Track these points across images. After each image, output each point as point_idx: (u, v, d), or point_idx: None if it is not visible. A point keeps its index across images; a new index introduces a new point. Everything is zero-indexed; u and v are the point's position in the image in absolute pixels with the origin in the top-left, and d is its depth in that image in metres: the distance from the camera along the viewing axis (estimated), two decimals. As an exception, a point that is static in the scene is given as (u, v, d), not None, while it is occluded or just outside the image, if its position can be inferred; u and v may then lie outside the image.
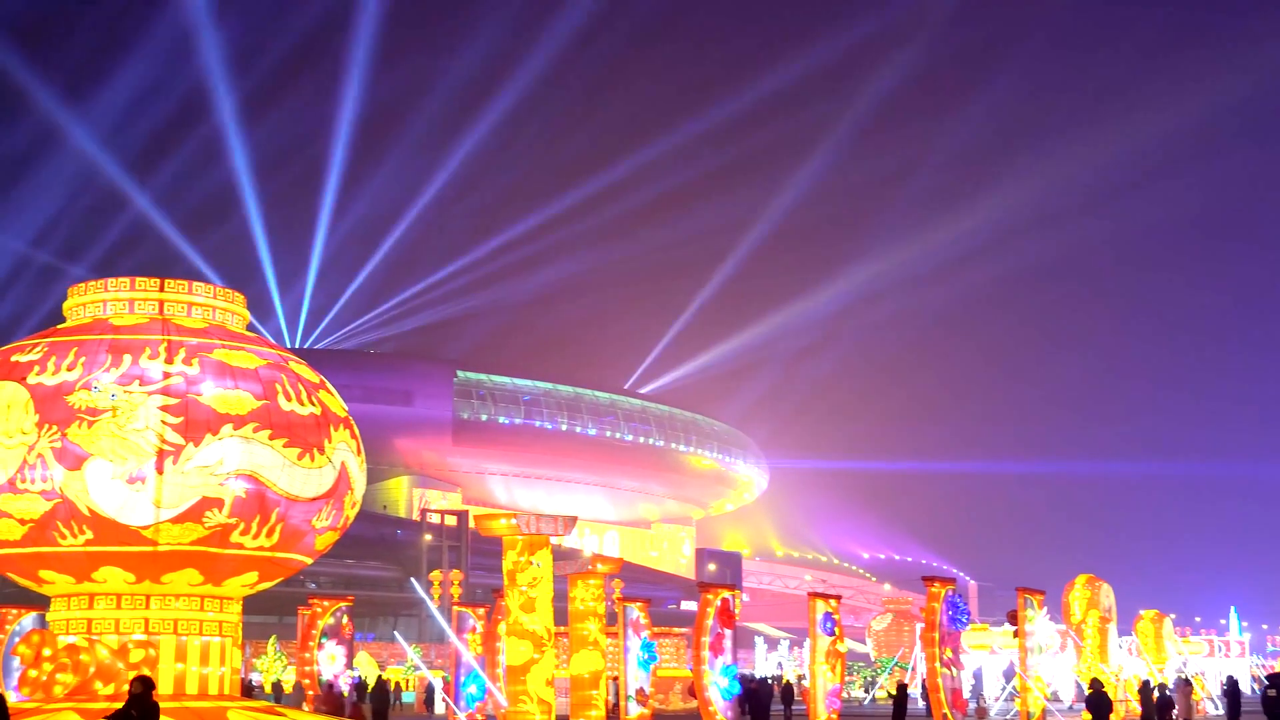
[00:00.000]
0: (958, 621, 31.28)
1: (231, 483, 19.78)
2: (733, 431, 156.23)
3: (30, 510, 19.54)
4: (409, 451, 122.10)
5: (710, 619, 29.27)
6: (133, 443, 19.48)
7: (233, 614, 21.53)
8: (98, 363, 19.91)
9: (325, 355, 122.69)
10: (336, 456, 21.07)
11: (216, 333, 21.18)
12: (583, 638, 27.42)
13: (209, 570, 20.44)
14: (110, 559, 19.93)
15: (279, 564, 21.22)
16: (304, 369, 21.71)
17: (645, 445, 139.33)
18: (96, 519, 19.46)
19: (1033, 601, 35.16)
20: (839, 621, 30.48)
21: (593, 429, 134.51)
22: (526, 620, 21.45)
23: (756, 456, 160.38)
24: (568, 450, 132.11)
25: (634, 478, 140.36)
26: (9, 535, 19.91)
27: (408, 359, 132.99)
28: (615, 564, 29.87)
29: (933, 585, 30.87)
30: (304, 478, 20.43)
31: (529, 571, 21.49)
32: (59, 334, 20.93)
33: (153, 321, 20.97)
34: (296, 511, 20.49)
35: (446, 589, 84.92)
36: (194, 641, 20.89)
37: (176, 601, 20.72)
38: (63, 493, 19.38)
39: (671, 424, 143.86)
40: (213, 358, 20.44)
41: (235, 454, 19.80)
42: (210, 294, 21.77)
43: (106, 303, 21.33)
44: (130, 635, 20.47)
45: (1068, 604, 43.46)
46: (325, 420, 21.03)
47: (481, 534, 22.43)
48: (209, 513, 19.72)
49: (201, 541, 19.93)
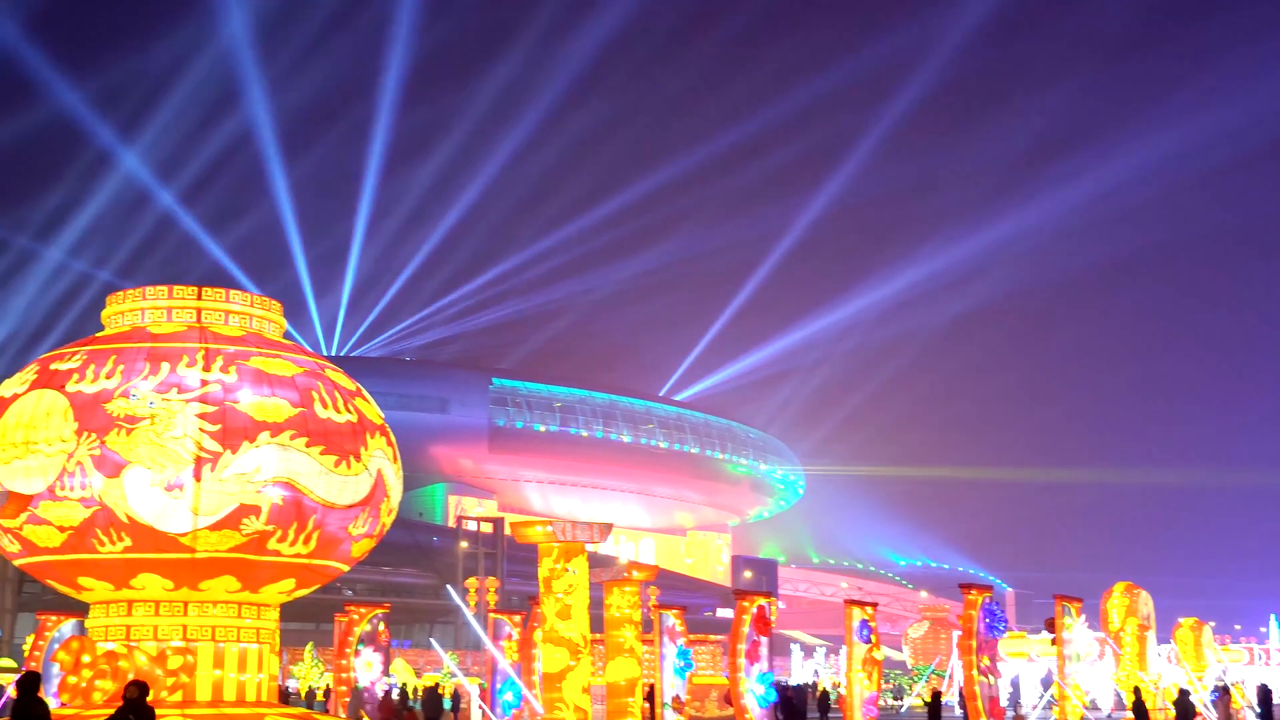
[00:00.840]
0: (995, 629, 31.12)
1: (269, 490, 19.85)
2: (768, 438, 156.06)
3: (69, 517, 19.65)
4: (445, 459, 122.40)
5: (746, 626, 29.20)
6: (171, 450, 19.58)
7: (270, 621, 21.61)
8: (136, 370, 20.01)
9: (362, 363, 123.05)
10: (373, 464, 21.12)
11: (254, 340, 21.26)
12: (619, 645, 27.38)
13: (246, 577, 20.51)
14: (148, 566, 20.03)
15: (316, 571, 21.28)
16: (340, 376, 21.78)
17: (681, 452, 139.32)
18: (135, 526, 19.56)
19: (1071, 609, 34.95)
20: (875, 629, 30.36)
21: (628, 436, 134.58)
22: (562, 627, 21.44)
23: (792, 463, 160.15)
24: (603, 457, 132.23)
25: (669, 485, 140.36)
26: (48, 542, 20.03)
27: (444, 367, 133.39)
28: (651, 571, 29.82)
29: (970, 593, 30.72)
30: (340, 485, 20.49)
31: (565, 578, 21.48)
32: (98, 342, 21.05)
33: (190, 329, 21.07)
34: (333, 519, 20.55)
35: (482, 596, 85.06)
36: (232, 648, 20.97)
37: (214, 608, 20.81)
38: (101, 500, 19.49)
39: (707, 431, 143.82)
40: (250, 365, 20.52)
41: (272, 461, 19.87)
42: (247, 302, 21.86)
43: (144, 311, 21.45)
44: (168, 642, 20.57)
45: (1106, 611, 43.22)
46: (361, 427, 21.08)
47: (517, 541, 22.43)
48: (246, 520, 19.80)
49: (239, 548, 20.01)
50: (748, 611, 29.33)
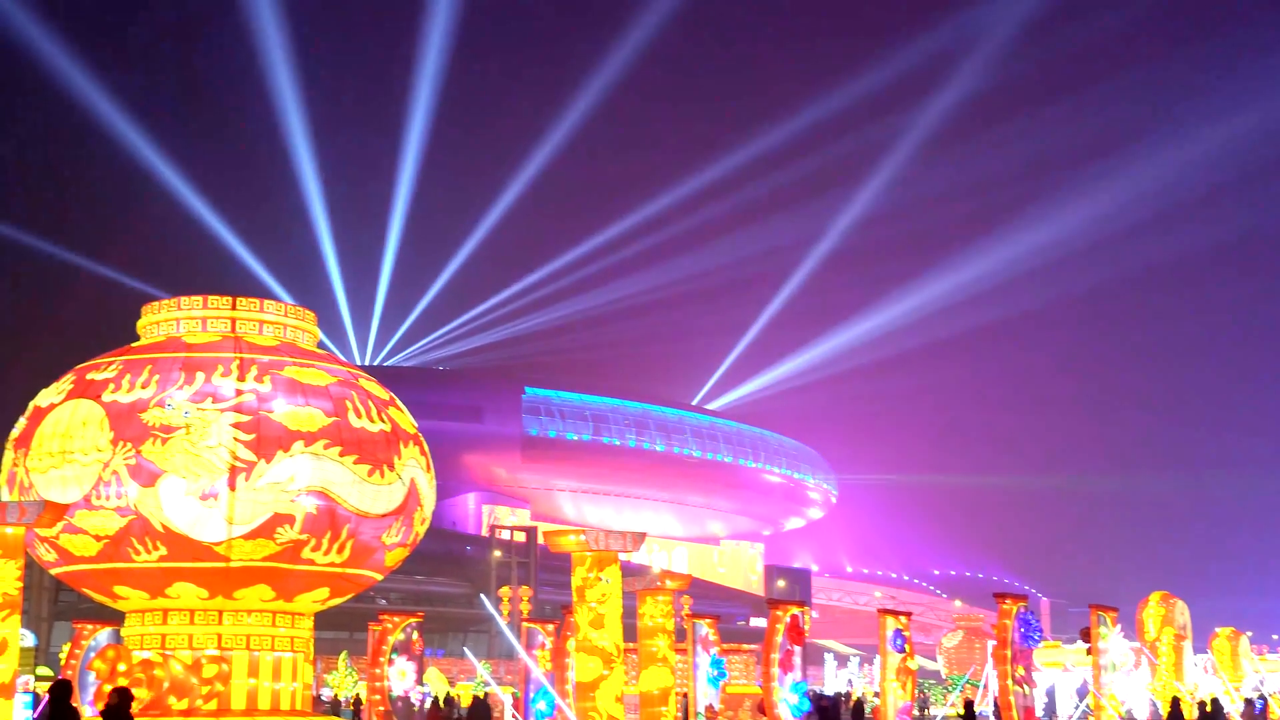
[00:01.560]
0: (1030, 639, 30.96)
1: (303, 499, 19.91)
2: (801, 447, 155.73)
3: (105, 526, 19.75)
4: (478, 468, 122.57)
5: (780, 635, 29.14)
6: (206, 459, 19.66)
7: (304, 629, 21.66)
8: (171, 380, 20.11)
9: (395, 372, 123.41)
10: (406, 473, 21.16)
11: (288, 350, 21.34)
12: (652, 654, 27.36)
13: (281, 586, 20.57)
14: (184, 575, 20.11)
15: (350, 580, 21.33)
16: (374, 386, 21.84)
17: (713, 461, 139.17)
18: (170, 535, 19.64)
19: (1106, 619, 34.76)
20: (909, 638, 30.27)
21: (661, 445, 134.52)
22: (596, 636, 21.43)
23: (825, 472, 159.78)
24: (636, 466, 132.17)
25: (702, 494, 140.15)
26: (85, 551, 20.14)
27: (477, 376, 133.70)
28: (684, 580, 29.79)
29: (1004, 602, 30.59)
30: (374, 494, 20.54)
31: (598, 588, 21.47)
32: (133, 352, 21.15)
33: (225, 339, 21.16)
34: (367, 528, 20.59)
35: (515, 605, 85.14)
36: (266, 657, 21.03)
37: (249, 617, 20.87)
38: (137, 509, 19.58)
39: (740, 440, 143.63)
40: (284, 375, 20.59)
41: (306, 470, 19.93)
42: (281, 312, 21.94)
43: (180, 321, 21.55)
44: (203, 650, 20.64)
45: (1142, 621, 43.01)
46: (395, 437, 21.13)
47: (550, 550, 22.44)
48: (280, 529, 19.86)
49: (273, 557, 20.07)
50: (781, 621, 29.27)
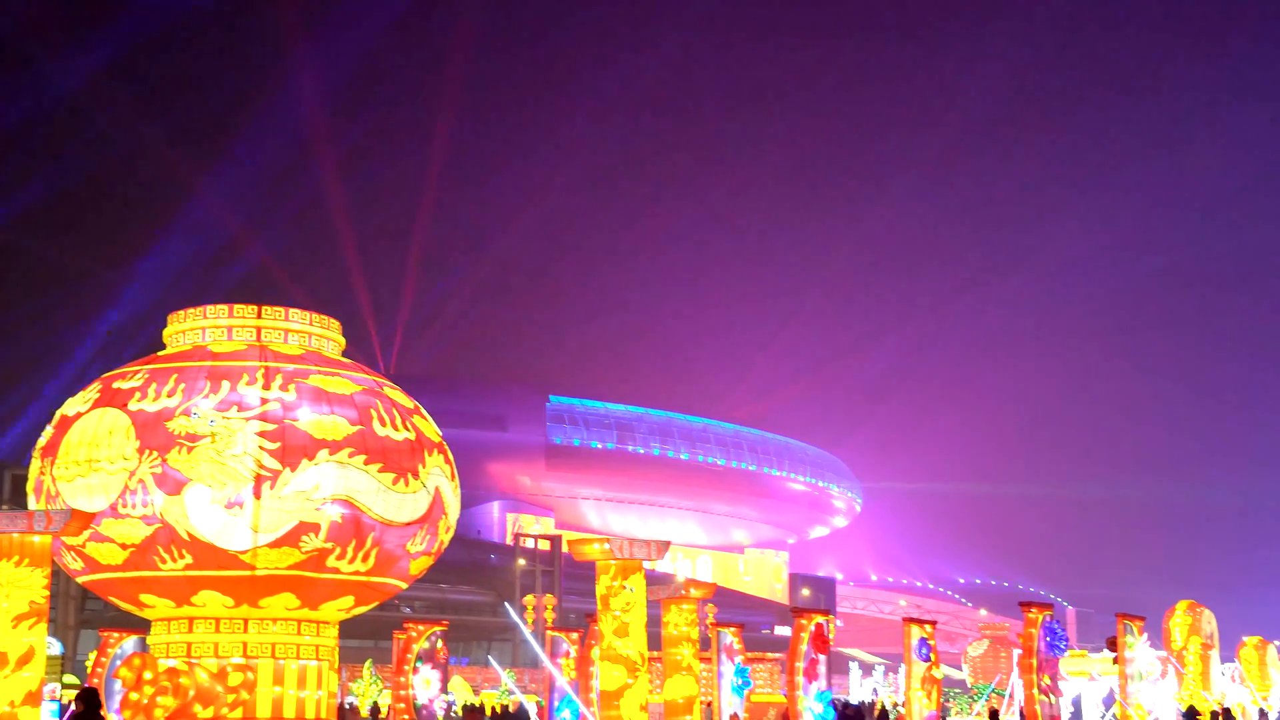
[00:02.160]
0: (1056, 648, 30.86)
1: (327, 508, 19.96)
2: (826, 455, 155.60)
3: (131, 535, 19.82)
4: (502, 476, 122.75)
5: (804, 644, 29.09)
6: (231, 468, 19.72)
7: (329, 638, 21.70)
8: (197, 389, 20.18)
9: (420, 380, 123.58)
10: (431, 481, 21.19)
11: (313, 359, 21.40)
12: (676, 663, 27.34)
13: (305, 594, 20.61)
14: (209, 583, 20.16)
15: (374, 588, 21.36)
16: (399, 394, 21.88)
17: (738, 469, 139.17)
18: (196, 543, 19.71)
19: (1132, 628, 34.63)
20: (934, 647, 30.20)
21: (685, 453, 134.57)
22: (620, 645, 21.43)
23: (850, 480, 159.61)
24: (660, 475, 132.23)
25: (727, 502, 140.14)
26: (111, 560, 20.21)
27: (501, 384, 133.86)
28: (708, 589, 29.76)
29: (1030, 610, 30.49)
30: (399, 502, 20.58)
31: (622, 596, 21.47)
32: (159, 361, 21.23)
33: (250, 348, 21.22)
34: (391, 536, 20.63)
35: (540, 614, 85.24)
36: (291, 665, 21.07)
37: (274, 625, 20.92)
38: (163, 517, 19.64)
39: (764, 448, 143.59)
40: (309, 383, 20.64)
41: (331, 479, 19.98)
42: (306, 320, 22.01)
43: (205, 329, 21.62)
44: (229, 659, 20.69)
45: (1168, 630, 42.84)
46: (420, 445, 21.17)
47: (575, 559, 22.45)
48: (305, 537, 19.91)
49: (298, 566, 20.11)
50: (806, 629, 29.21)
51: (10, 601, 17.66)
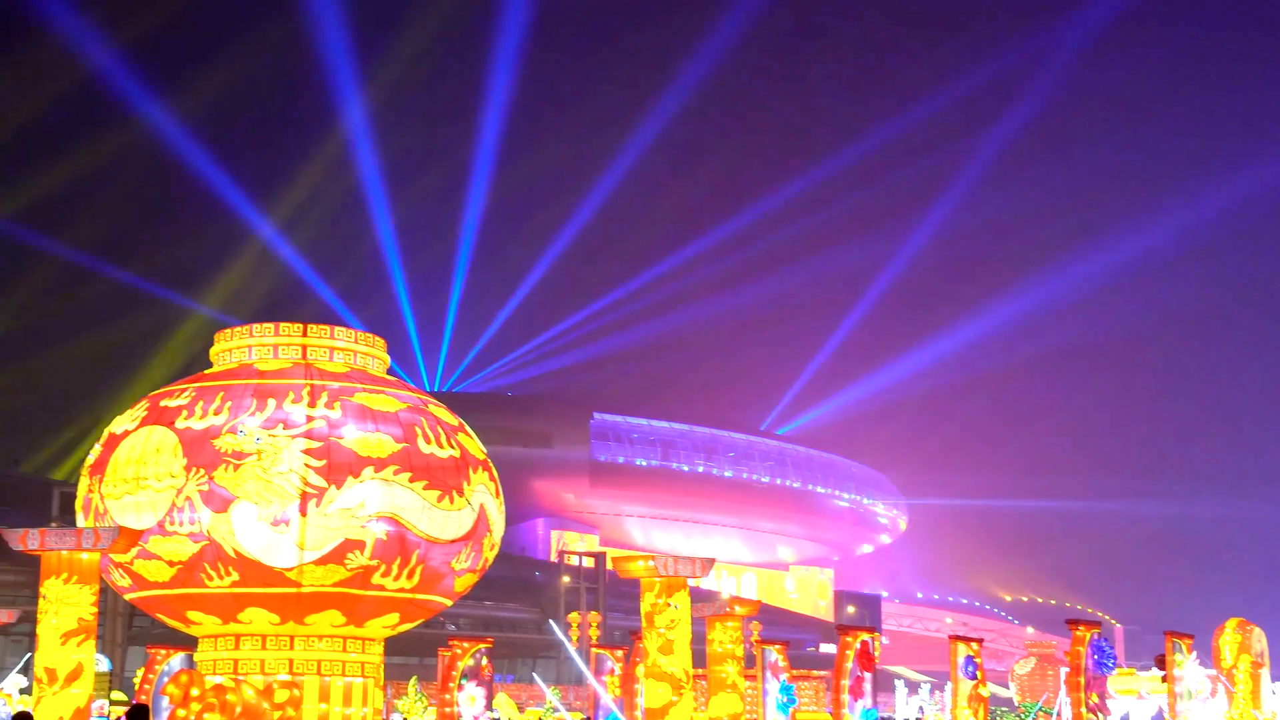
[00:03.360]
0: (1104, 666, 30.66)
1: (373, 525, 20.03)
2: (871, 472, 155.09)
3: (178, 552, 19.94)
4: (547, 493, 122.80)
5: (850, 662, 28.98)
6: (277, 485, 19.82)
7: (375, 655, 21.76)
8: (243, 407, 20.29)
9: (464, 398, 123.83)
10: (475, 499, 21.24)
11: (358, 377, 21.49)
12: (721, 680, 27.28)
13: (351, 612, 20.68)
14: (255, 600, 20.26)
15: (419, 605, 21.41)
16: (443, 412, 21.94)
17: (782, 487, 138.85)
18: (242, 561, 19.81)
19: (1181, 646, 34.34)
20: (981, 665, 30.03)
21: (729, 471, 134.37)
22: (665, 662, 21.40)
23: (895, 497, 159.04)
24: (704, 492, 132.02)
25: (771, 519, 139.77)
26: (158, 577, 20.33)
27: (545, 401, 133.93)
28: (753, 606, 29.68)
29: (1077, 629, 30.30)
30: (444, 520, 20.63)
31: (667, 613, 21.45)
32: (206, 379, 21.37)
33: (296, 366, 21.34)
34: (436, 553, 20.68)
35: (585, 631, 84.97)
36: (337, 682, 21.14)
37: (320, 642, 20.99)
38: (210, 535, 19.76)
39: (809, 465, 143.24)
40: (354, 401, 20.73)
41: (376, 496, 20.05)
42: (352, 339, 22.11)
43: (252, 348, 21.75)
44: (275, 676, 20.77)
45: (1218, 648, 42.32)
46: (464, 463, 21.22)
47: (619, 576, 22.45)
48: (351, 554, 19.98)
49: (344, 583, 20.19)
50: (851, 647, 29.11)
51: (59, 618, 17.79)
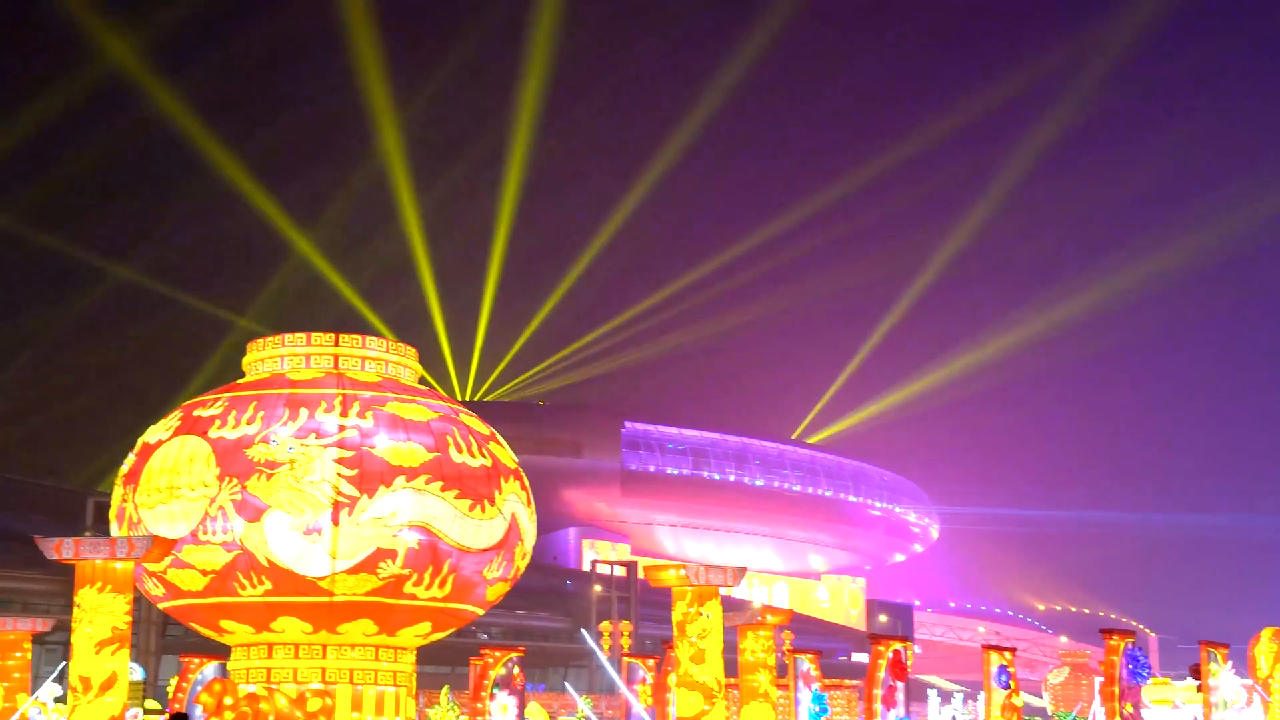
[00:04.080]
0: (1138, 675, 30.50)
1: (404, 534, 20.06)
2: (903, 481, 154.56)
3: (211, 561, 20.01)
4: (578, 502, 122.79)
5: (882, 671, 28.89)
6: (309, 495, 19.87)
7: (407, 664, 21.79)
8: (276, 417, 20.35)
9: (495, 407, 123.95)
10: (507, 508, 21.25)
11: (389, 386, 21.53)
12: (753, 689, 27.22)
13: (383, 620, 20.71)
14: (288, 609, 20.31)
15: (451, 614, 21.44)
16: (475, 421, 21.97)
17: (814, 495, 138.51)
18: (275, 570, 19.86)
19: (1217, 655, 34.13)
20: (1014, 675, 29.90)
21: (761, 479, 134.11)
22: (696, 671, 21.37)
23: (927, 506, 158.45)
24: (736, 501, 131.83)
25: (803, 528, 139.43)
26: (191, 586, 20.40)
27: (577, 410, 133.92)
28: (785, 615, 29.61)
29: (1111, 638, 30.16)
30: (475, 529, 20.64)
31: (699, 623, 21.42)
32: (238, 389, 21.44)
33: (328, 376, 21.39)
34: (468, 562, 20.69)
35: (616, 640, 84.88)
36: (369, 691, 21.17)
37: (352, 651, 21.03)
38: (243, 544, 19.82)
39: (840, 474, 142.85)
40: (386, 411, 20.77)
41: (408, 505, 20.09)
42: (383, 348, 22.16)
43: (284, 358, 21.83)
44: (308, 685, 20.81)
45: (1254, 658, 42.02)
46: (496, 472, 21.23)
47: (651, 585, 22.43)
48: (383, 564, 20.01)
49: (376, 592, 20.22)
50: (884, 656, 29.01)
51: (93, 627, 17.88)
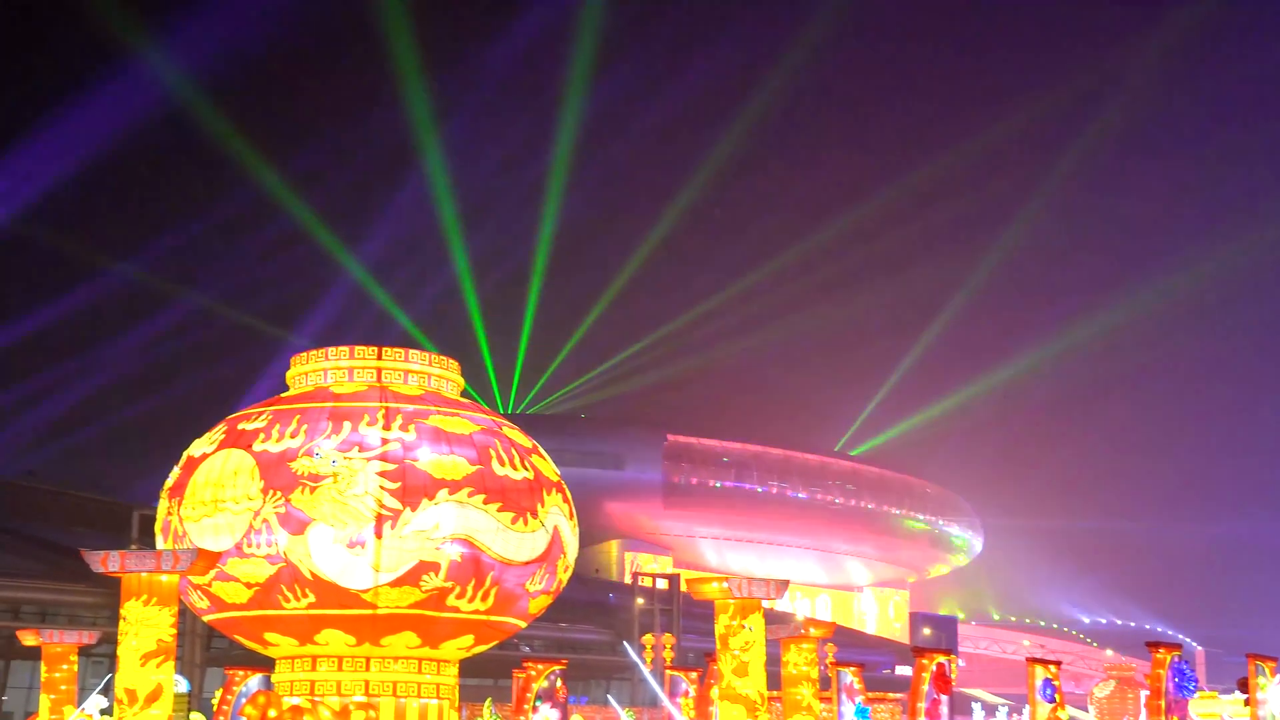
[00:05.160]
0: (1184, 689, 30.26)
1: (447, 547, 20.10)
2: (946, 493, 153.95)
3: (256, 574, 20.10)
4: (620, 515, 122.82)
5: (926, 684, 28.76)
6: (353, 508, 19.94)
7: (449, 676, 21.83)
8: (319, 430, 20.44)
9: (538, 420, 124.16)
10: (549, 520, 21.27)
11: (432, 399, 21.59)
12: (796, 702, 27.14)
13: (426, 633, 20.76)
14: (332, 622, 20.37)
15: (494, 627, 21.47)
16: (517, 434, 22.00)
17: (857, 508, 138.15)
18: (318, 582, 19.93)
19: (1264, 668, 33.85)
20: (1059, 688, 29.73)
21: (803, 492, 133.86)
22: (739, 684, 21.32)
23: (971, 518, 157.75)
24: (778, 513, 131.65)
25: (846, 541, 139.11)
26: (236, 598, 20.50)
27: (619, 423, 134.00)
28: (828, 628, 29.52)
29: (1158, 651, 29.95)
30: (518, 542, 20.67)
31: (741, 635, 21.37)
32: (282, 402, 21.54)
33: (371, 389, 21.47)
34: (511, 575, 20.72)
35: (659, 652, 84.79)
36: (413, 703, 21.22)
37: (395, 664, 21.08)
38: (287, 557, 19.90)
39: (883, 486, 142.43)
40: (429, 424, 20.83)
41: (451, 518, 20.13)
42: (426, 361, 22.23)
43: (327, 371, 21.92)
44: (351, 697, 20.87)
45: (1301, 671, 41.70)
46: (538, 485, 21.26)
47: (694, 597, 22.40)
48: (426, 576, 20.06)
49: (419, 605, 20.27)
50: (927, 669, 28.89)
51: (139, 640, 17.99)
